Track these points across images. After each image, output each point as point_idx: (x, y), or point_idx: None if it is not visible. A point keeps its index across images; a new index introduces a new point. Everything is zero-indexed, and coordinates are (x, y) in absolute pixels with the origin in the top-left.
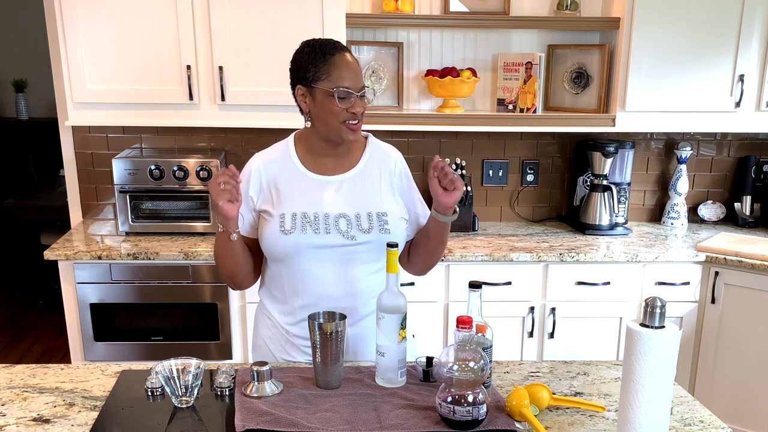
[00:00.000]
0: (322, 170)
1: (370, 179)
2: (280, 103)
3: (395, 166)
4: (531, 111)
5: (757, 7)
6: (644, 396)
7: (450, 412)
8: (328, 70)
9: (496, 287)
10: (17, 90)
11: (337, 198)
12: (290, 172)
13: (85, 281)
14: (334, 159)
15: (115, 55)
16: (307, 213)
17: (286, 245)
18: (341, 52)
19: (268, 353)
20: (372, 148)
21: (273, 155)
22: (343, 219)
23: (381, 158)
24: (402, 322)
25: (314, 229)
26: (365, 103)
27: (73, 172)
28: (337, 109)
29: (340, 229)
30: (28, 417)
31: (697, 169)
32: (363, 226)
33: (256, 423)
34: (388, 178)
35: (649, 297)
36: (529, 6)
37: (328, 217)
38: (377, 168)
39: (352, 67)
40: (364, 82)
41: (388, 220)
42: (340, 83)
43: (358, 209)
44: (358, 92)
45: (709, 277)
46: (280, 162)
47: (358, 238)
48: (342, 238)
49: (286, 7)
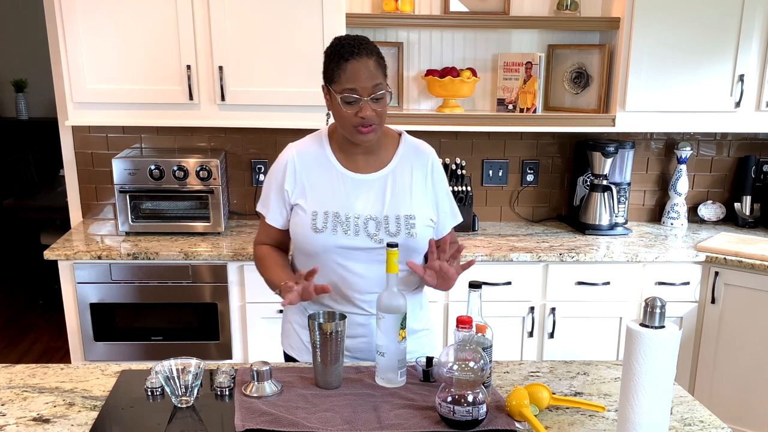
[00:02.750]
0: (354, 167)
1: (402, 179)
2: (279, 103)
3: (428, 164)
4: (531, 111)
5: (757, 6)
6: (644, 396)
7: (450, 412)
8: (339, 74)
9: (496, 287)
10: (17, 90)
11: (368, 199)
12: (324, 167)
13: (85, 281)
14: (365, 156)
15: (115, 55)
16: (338, 213)
17: (317, 244)
18: (356, 58)
19: (296, 338)
20: (405, 146)
21: (308, 147)
22: (372, 221)
23: (414, 156)
24: (402, 322)
25: (344, 230)
26: (381, 105)
27: (73, 172)
28: (345, 114)
29: (368, 231)
30: (28, 417)
31: (697, 169)
32: (391, 230)
33: (256, 423)
34: (421, 176)
35: (649, 297)
36: (529, 6)
37: (358, 218)
38: (409, 166)
39: (363, 70)
40: (379, 82)
41: (415, 224)
42: (346, 87)
43: (387, 211)
44: (367, 95)
45: (709, 277)
46: (314, 155)
47: (385, 242)
48: (369, 240)
49: (286, 7)
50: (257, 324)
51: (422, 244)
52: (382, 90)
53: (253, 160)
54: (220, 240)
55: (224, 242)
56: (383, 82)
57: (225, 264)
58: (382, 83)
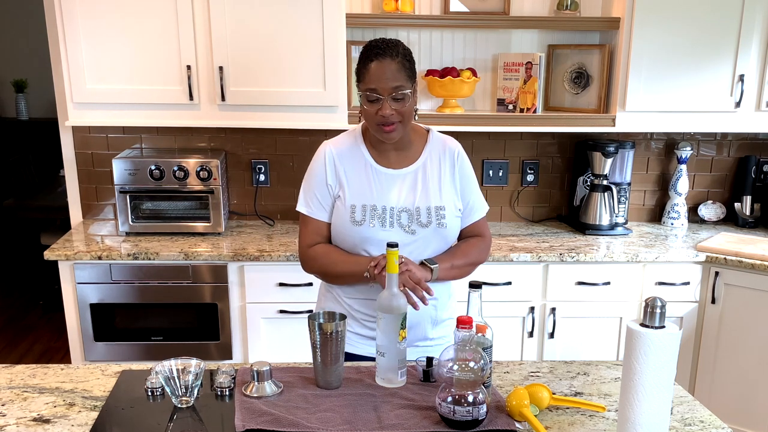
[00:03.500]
0: (386, 163)
1: (431, 173)
2: (279, 103)
3: (456, 158)
4: (531, 111)
5: (757, 7)
6: (644, 396)
7: (450, 412)
8: (364, 73)
9: (496, 287)
10: (17, 90)
11: (402, 192)
12: (359, 162)
13: (85, 281)
14: (396, 152)
15: (116, 55)
16: (375, 206)
17: (355, 236)
18: (379, 59)
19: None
20: (433, 141)
21: (344, 144)
22: (405, 213)
23: (441, 151)
24: (402, 322)
25: (381, 222)
26: (402, 105)
27: (73, 172)
28: (368, 111)
29: (402, 223)
30: (28, 417)
31: (697, 169)
32: (422, 221)
33: (256, 423)
34: (449, 170)
35: (649, 297)
36: (529, 6)
37: (393, 210)
38: (437, 161)
39: (385, 72)
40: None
41: (445, 215)
42: (369, 86)
43: (419, 203)
44: (387, 95)
45: (709, 277)
46: (350, 151)
47: (417, 233)
48: (403, 232)
49: (286, 7)
50: (257, 324)
51: (451, 234)
52: (402, 91)
53: (253, 160)
54: (220, 240)
55: (224, 242)
56: (405, 84)
57: (225, 264)
58: (403, 85)
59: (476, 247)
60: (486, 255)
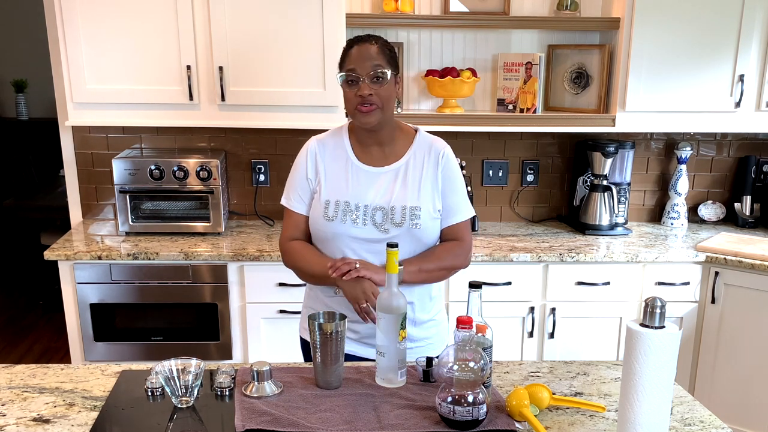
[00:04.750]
0: (369, 160)
1: (413, 173)
2: (279, 103)
3: (440, 158)
4: (531, 111)
5: (757, 7)
6: (644, 396)
7: (450, 412)
8: (344, 58)
9: (496, 287)
10: (17, 90)
11: (379, 190)
12: (341, 158)
13: (85, 281)
14: (380, 149)
15: (115, 55)
16: (349, 202)
17: (327, 231)
18: (359, 43)
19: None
20: (419, 141)
21: (328, 139)
22: (380, 211)
23: (426, 151)
24: (402, 322)
25: (353, 220)
26: (381, 85)
27: (73, 172)
28: (347, 95)
29: (375, 221)
30: (28, 417)
31: (697, 169)
32: (396, 220)
33: (256, 423)
34: (432, 170)
35: (649, 297)
36: (529, 6)
37: (367, 208)
38: (421, 161)
39: (363, 52)
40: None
41: (420, 215)
42: (347, 68)
43: (394, 202)
44: (365, 73)
45: (709, 277)
46: (333, 147)
47: (390, 232)
48: (376, 231)
49: (286, 7)
50: (257, 324)
51: (426, 235)
52: (381, 70)
53: (253, 160)
54: (220, 240)
55: (224, 242)
56: (384, 65)
57: (225, 264)
58: (381, 65)
59: (451, 251)
60: (463, 260)
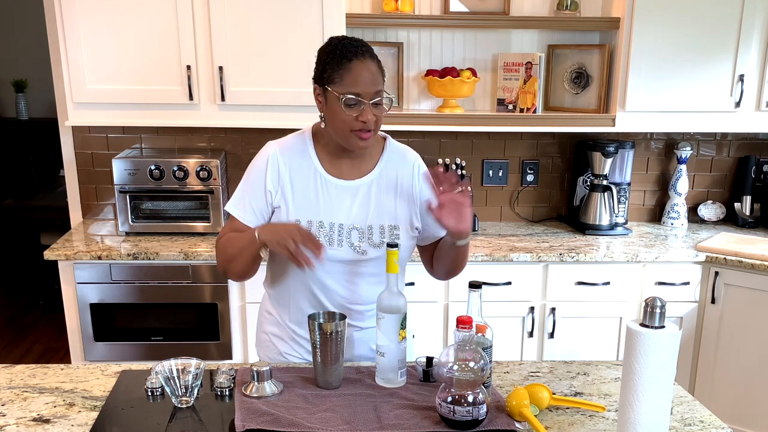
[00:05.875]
0: (338, 173)
1: (387, 186)
2: (279, 103)
3: (413, 170)
4: (531, 111)
5: (757, 7)
6: (644, 396)
7: (450, 412)
8: (342, 74)
9: (496, 287)
10: (17, 90)
11: (353, 207)
12: (308, 170)
13: (85, 281)
14: (351, 161)
15: (115, 55)
16: (323, 221)
17: None
18: (360, 58)
19: (272, 348)
20: (390, 151)
21: (291, 148)
22: (356, 231)
23: (399, 162)
24: (402, 322)
25: (328, 240)
26: (381, 111)
27: (73, 172)
28: (345, 117)
29: (351, 242)
30: (28, 417)
31: (697, 169)
32: (374, 240)
33: (256, 423)
34: (407, 183)
35: (649, 297)
36: (529, 6)
37: (342, 227)
38: (394, 173)
39: (367, 73)
40: (381, 88)
41: (399, 234)
42: (349, 90)
43: (371, 221)
44: (370, 99)
45: (709, 277)
46: (298, 157)
47: (368, 253)
48: (353, 252)
49: (286, 7)
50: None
51: (404, 256)
52: (383, 96)
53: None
54: None
55: None
56: (383, 87)
57: None
58: (382, 89)
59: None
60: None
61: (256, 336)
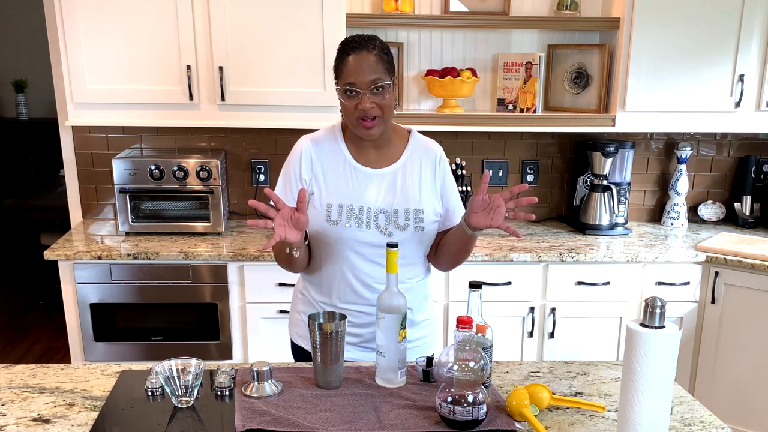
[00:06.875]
0: (365, 161)
1: (411, 174)
2: (279, 102)
3: (437, 161)
4: (531, 111)
5: (757, 7)
6: (644, 396)
7: (450, 412)
8: (341, 68)
9: (496, 287)
10: (17, 90)
11: (380, 192)
12: (338, 159)
13: (85, 281)
14: (377, 151)
15: (115, 55)
16: (352, 205)
17: (331, 235)
18: (356, 51)
19: (304, 327)
20: (414, 142)
21: (322, 139)
22: (383, 214)
23: (423, 153)
24: (402, 322)
25: (357, 223)
26: (382, 98)
27: (73, 172)
28: (347, 107)
29: (378, 224)
30: (28, 417)
31: (697, 169)
32: (400, 223)
33: (256, 423)
34: (430, 172)
35: (649, 297)
36: (529, 6)
37: (370, 211)
38: (419, 162)
39: (362, 65)
40: (379, 76)
41: (423, 218)
42: (346, 81)
43: (397, 205)
44: (366, 88)
45: (709, 277)
46: (328, 147)
47: (394, 235)
48: (379, 234)
49: (286, 7)
50: (257, 324)
51: (428, 238)
52: (381, 83)
53: (253, 160)
54: (220, 240)
55: (224, 242)
56: (383, 76)
57: (225, 264)
58: (381, 77)
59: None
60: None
61: (290, 316)
